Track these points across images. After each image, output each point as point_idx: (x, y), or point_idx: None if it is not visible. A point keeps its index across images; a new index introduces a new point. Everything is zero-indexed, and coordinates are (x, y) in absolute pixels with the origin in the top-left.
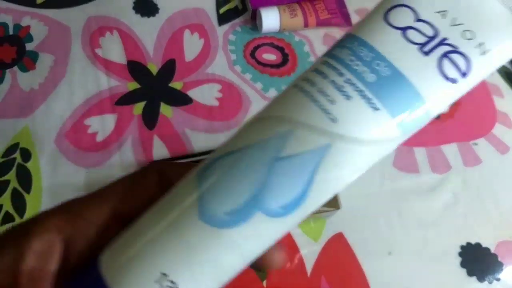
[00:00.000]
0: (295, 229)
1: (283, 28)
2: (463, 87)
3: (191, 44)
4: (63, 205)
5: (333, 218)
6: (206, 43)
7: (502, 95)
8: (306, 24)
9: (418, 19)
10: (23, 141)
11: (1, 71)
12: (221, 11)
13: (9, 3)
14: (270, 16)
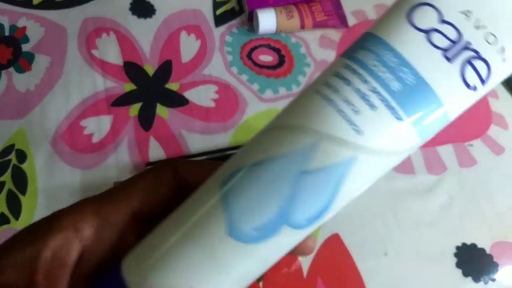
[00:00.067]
0: None
1: (280, 29)
2: (481, 93)
3: (187, 45)
4: (78, 204)
5: (329, 219)
6: (202, 45)
7: (497, 97)
8: (302, 25)
9: (442, 20)
10: (18, 142)
11: None
12: (218, 12)
13: (5, 4)
14: (266, 17)
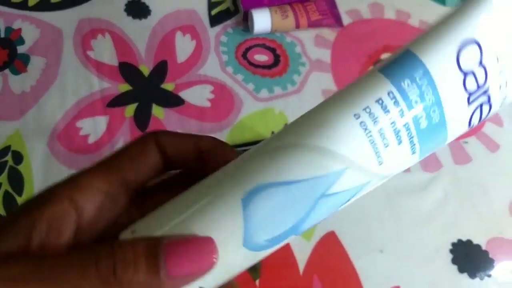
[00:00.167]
0: None
1: (275, 29)
2: (474, 127)
3: (183, 45)
4: (72, 177)
5: None
6: (198, 45)
7: None
8: (297, 25)
9: (480, 62)
10: (14, 143)
11: None
12: (213, 12)
13: (0, 6)
14: (261, 17)
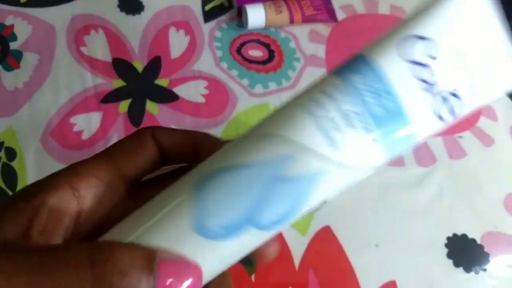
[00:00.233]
0: None
1: (269, 24)
2: (449, 124)
3: (176, 41)
4: (73, 166)
5: (320, 211)
6: (192, 40)
7: None
8: (291, 20)
9: (428, 55)
10: (7, 140)
11: None
12: (207, 8)
13: None
14: (255, 12)
